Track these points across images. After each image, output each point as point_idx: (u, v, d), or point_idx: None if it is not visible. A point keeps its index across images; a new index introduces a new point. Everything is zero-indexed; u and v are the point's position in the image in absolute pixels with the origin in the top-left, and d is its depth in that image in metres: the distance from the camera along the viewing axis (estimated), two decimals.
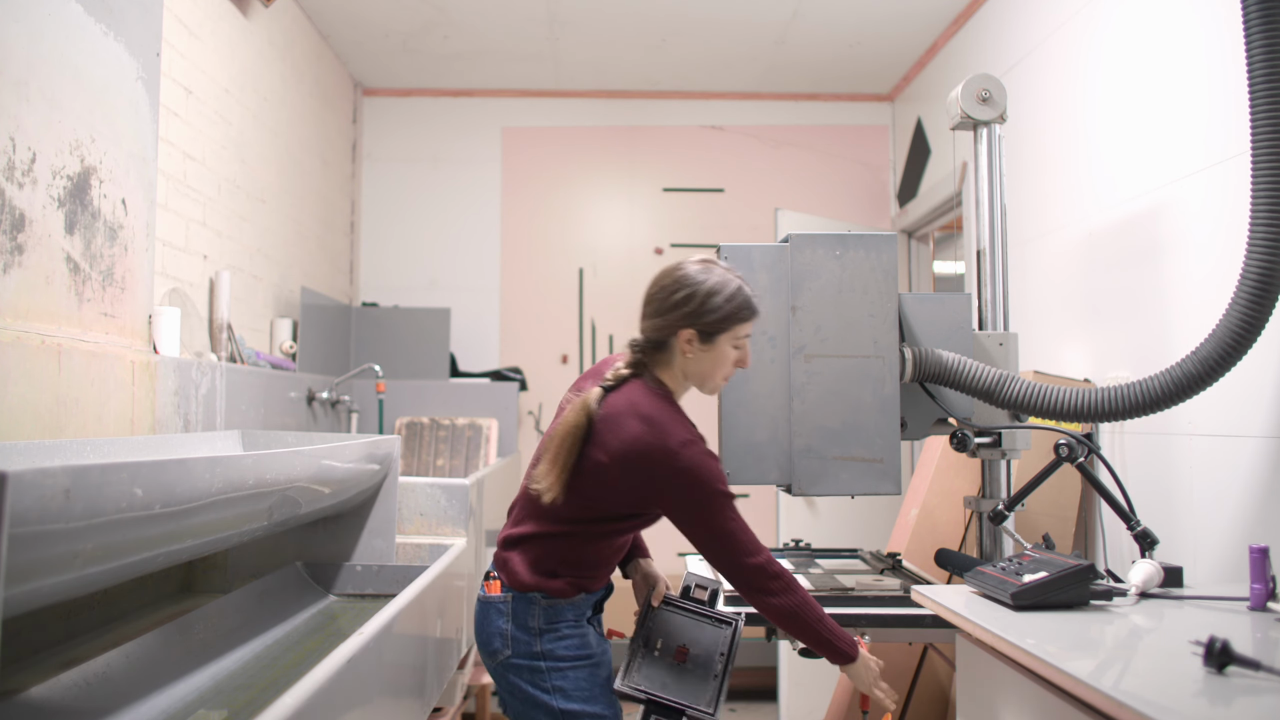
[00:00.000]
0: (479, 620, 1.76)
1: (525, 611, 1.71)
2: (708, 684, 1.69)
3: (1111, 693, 1.11)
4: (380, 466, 2.16)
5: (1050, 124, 2.90)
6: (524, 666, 1.70)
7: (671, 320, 1.70)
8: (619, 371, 1.73)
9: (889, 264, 2.08)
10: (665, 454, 1.62)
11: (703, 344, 1.70)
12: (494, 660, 1.73)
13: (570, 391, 1.81)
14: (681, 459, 1.62)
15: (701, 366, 1.73)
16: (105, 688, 1.35)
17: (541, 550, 1.71)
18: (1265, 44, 1.65)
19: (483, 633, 1.75)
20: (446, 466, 3.96)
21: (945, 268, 5.07)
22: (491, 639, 1.72)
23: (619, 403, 1.68)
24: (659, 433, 1.63)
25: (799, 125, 4.69)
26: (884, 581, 2.23)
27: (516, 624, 1.71)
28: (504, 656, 1.71)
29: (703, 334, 1.70)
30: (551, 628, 1.71)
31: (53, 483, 0.93)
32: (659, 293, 1.73)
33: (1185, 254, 2.18)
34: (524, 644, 1.70)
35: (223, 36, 2.96)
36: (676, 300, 1.69)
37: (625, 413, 1.66)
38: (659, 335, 1.72)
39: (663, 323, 1.71)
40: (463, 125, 4.66)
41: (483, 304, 4.60)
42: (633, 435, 1.63)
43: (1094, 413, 1.91)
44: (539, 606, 1.71)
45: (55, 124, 1.68)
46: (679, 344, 1.71)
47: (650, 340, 1.74)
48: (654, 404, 1.68)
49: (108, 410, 1.83)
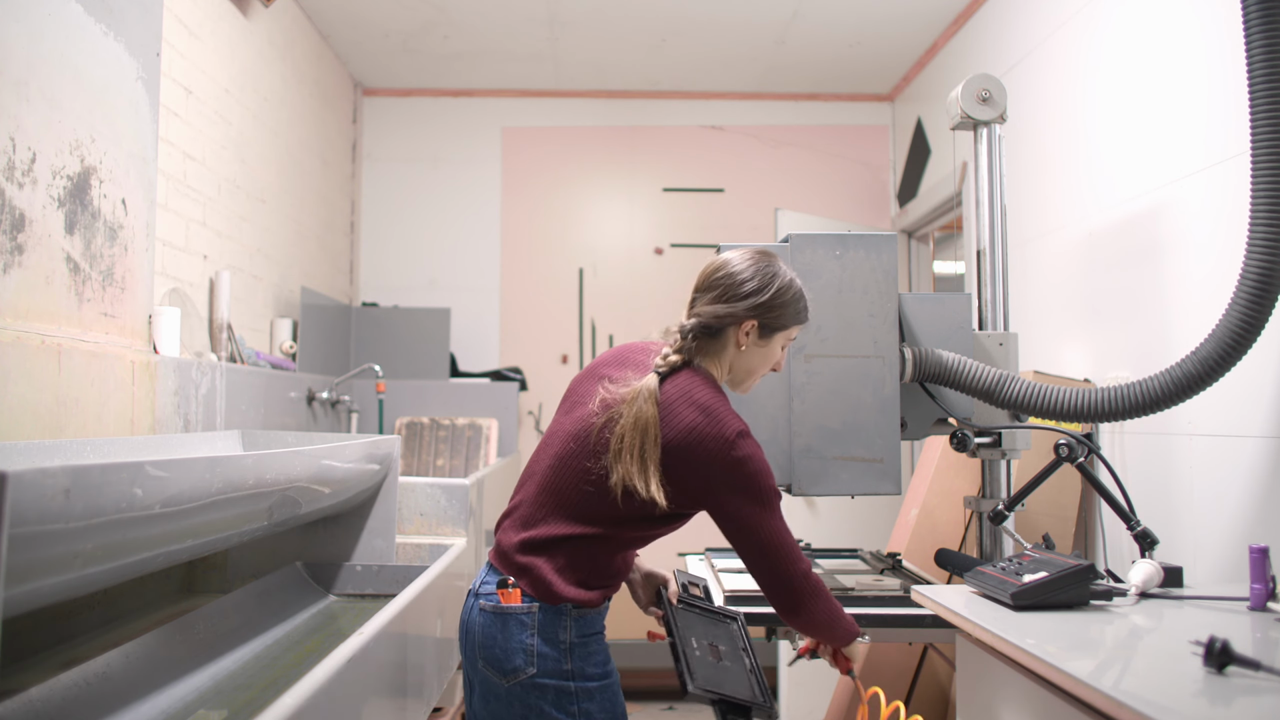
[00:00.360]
0: (489, 633, 1.58)
1: (554, 624, 1.57)
2: (747, 678, 1.65)
3: (1111, 693, 1.11)
4: (380, 466, 2.16)
5: (1050, 124, 2.90)
6: (549, 687, 1.55)
7: (739, 309, 1.62)
8: (670, 359, 1.63)
9: (889, 264, 2.08)
10: (722, 444, 1.54)
11: (760, 338, 1.65)
12: (512, 679, 1.56)
13: (587, 380, 1.70)
14: (739, 450, 1.54)
15: (751, 362, 1.67)
16: (105, 688, 1.35)
17: (574, 555, 1.59)
18: (1265, 44, 1.65)
19: (497, 647, 1.57)
20: (446, 466, 3.96)
21: (945, 268, 5.06)
22: (512, 655, 1.56)
23: (672, 391, 1.59)
24: (716, 422, 1.55)
25: (799, 125, 4.69)
26: (884, 581, 2.22)
27: (544, 638, 1.56)
28: (526, 675, 1.55)
29: (764, 328, 1.64)
30: (582, 642, 1.58)
31: (53, 483, 0.93)
32: (726, 278, 1.64)
33: (1185, 254, 2.18)
34: (552, 661, 1.56)
35: (223, 36, 2.96)
36: (749, 290, 1.63)
37: (679, 401, 1.57)
38: (719, 322, 1.63)
39: (727, 310, 1.62)
40: (463, 125, 4.66)
41: (483, 304, 4.60)
42: (689, 424, 1.55)
43: (1094, 413, 1.91)
44: (569, 619, 1.57)
45: (55, 124, 1.68)
46: (737, 334, 1.64)
47: (707, 326, 1.64)
48: (709, 393, 1.59)
49: (108, 410, 1.83)
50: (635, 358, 1.69)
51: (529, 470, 1.71)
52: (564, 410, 1.71)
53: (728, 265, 1.66)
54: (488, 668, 1.58)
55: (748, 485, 1.55)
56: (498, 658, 1.57)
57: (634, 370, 1.64)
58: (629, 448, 1.55)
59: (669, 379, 1.61)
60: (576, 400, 1.68)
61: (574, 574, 1.58)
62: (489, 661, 1.58)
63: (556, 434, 1.67)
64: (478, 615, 1.60)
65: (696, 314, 1.65)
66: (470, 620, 1.62)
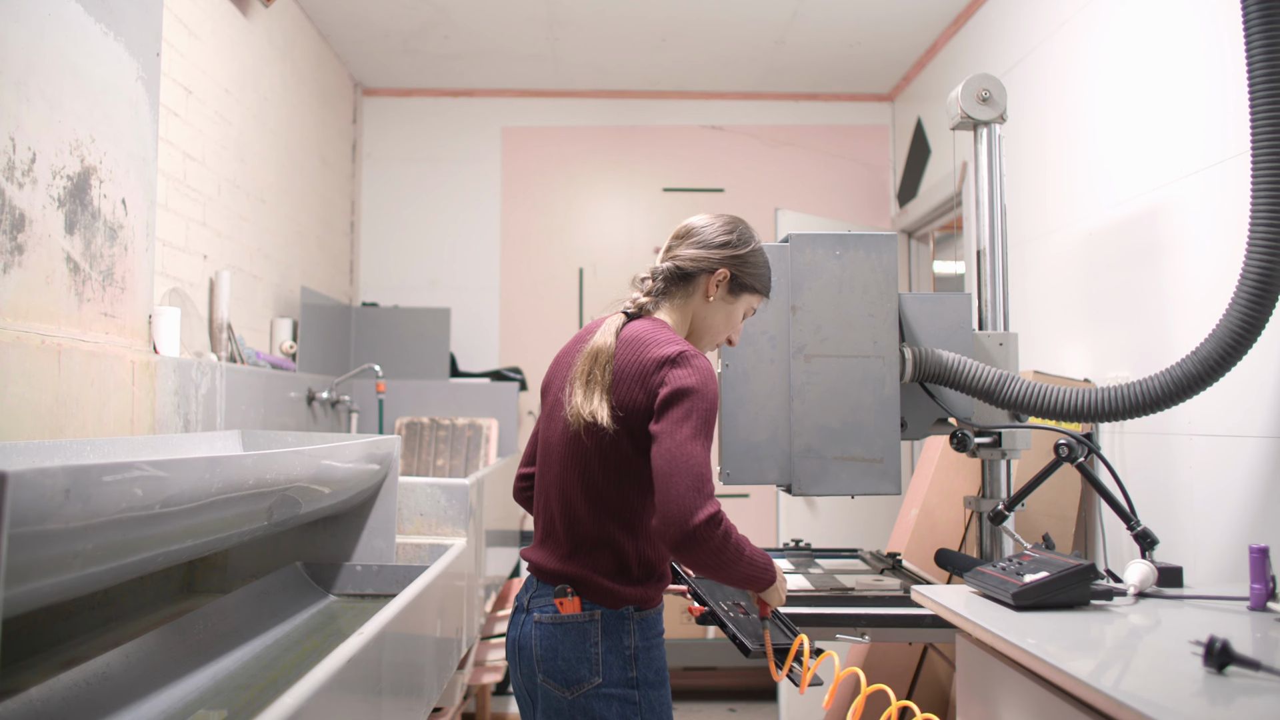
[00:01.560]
0: (550, 645, 1.54)
1: (619, 629, 1.53)
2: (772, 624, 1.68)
3: (1111, 693, 1.11)
4: (380, 466, 2.16)
5: (1050, 124, 2.90)
6: (615, 696, 1.51)
7: (715, 256, 1.63)
8: (638, 301, 1.64)
9: (889, 264, 2.08)
10: (666, 361, 1.50)
11: (729, 292, 1.66)
12: (576, 690, 1.52)
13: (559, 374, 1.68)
14: (683, 367, 1.49)
15: (715, 317, 1.67)
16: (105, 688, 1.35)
17: (619, 552, 1.55)
18: (1265, 44, 1.65)
19: (560, 659, 1.53)
20: (446, 466, 3.96)
21: (945, 268, 5.07)
22: (577, 666, 1.52)
23: (638, 329, 1.59)
24: (665, 347, 1.53)
25: (799, 125, 4.69)
26: (884, 581, 2.22)
27: (609, 646, 1.52)
28: (593, 685, 1.51)
29: (734, 281, 1.65)
30: (645, 646, 1.55)
31: (53, 483, 0.93)
32: (705, 228, 1.66)
33: (1185, 254, 2.18)
34: (618, 669, 1.52)
35: (223, 36, 2.96)
36: (728, 240, 1.65)
37: (643, 338, 1.56)
38: (695, 266, 1.63)
39: (704, 254, 1.63)
40: (463, 125, 4.66)
41: (483, 304, 4.60)
42: (641, 356, 1.53)
43: (1094, 413, 1.91)
44: (632, 622, 1.54)
45: (55, 124, 1.68)
46: (708, 283, 1.64)
47: (681, 270, 1.64)
48: (663, 330, 1.58)
49: (108, 410, 1.83)
50: (594, 328, 1.68)
51: (539, 483, 1.69)
52: (546, 415, 1.70)
53: (706, 219, 1.69)
54: (549, 681, 1.54)
55: (676, 392, 1.48)
56: (561, 669, 1.53)
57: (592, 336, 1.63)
58: (578, 375, 1.55)
59: (635, 320, 1.62)
60: (555, 403, 1.66)
61: (626, 573, 1.56)
62: (551, 674, 1.54)
63: (552, 440, 1.65)
64: (534, 629, 1.57)
65: (673, 256, 1.65)
66: (524, 636, 1.59)
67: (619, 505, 1.56)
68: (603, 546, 1.56)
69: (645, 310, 1.65)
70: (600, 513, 1.56)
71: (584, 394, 1.54)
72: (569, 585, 1.55)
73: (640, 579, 1.57)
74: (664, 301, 1.66)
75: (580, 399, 1.54)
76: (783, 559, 2.55)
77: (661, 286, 1.65)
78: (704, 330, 1.69)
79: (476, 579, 2.62)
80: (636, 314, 1.64)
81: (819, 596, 2.07)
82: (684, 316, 1.67)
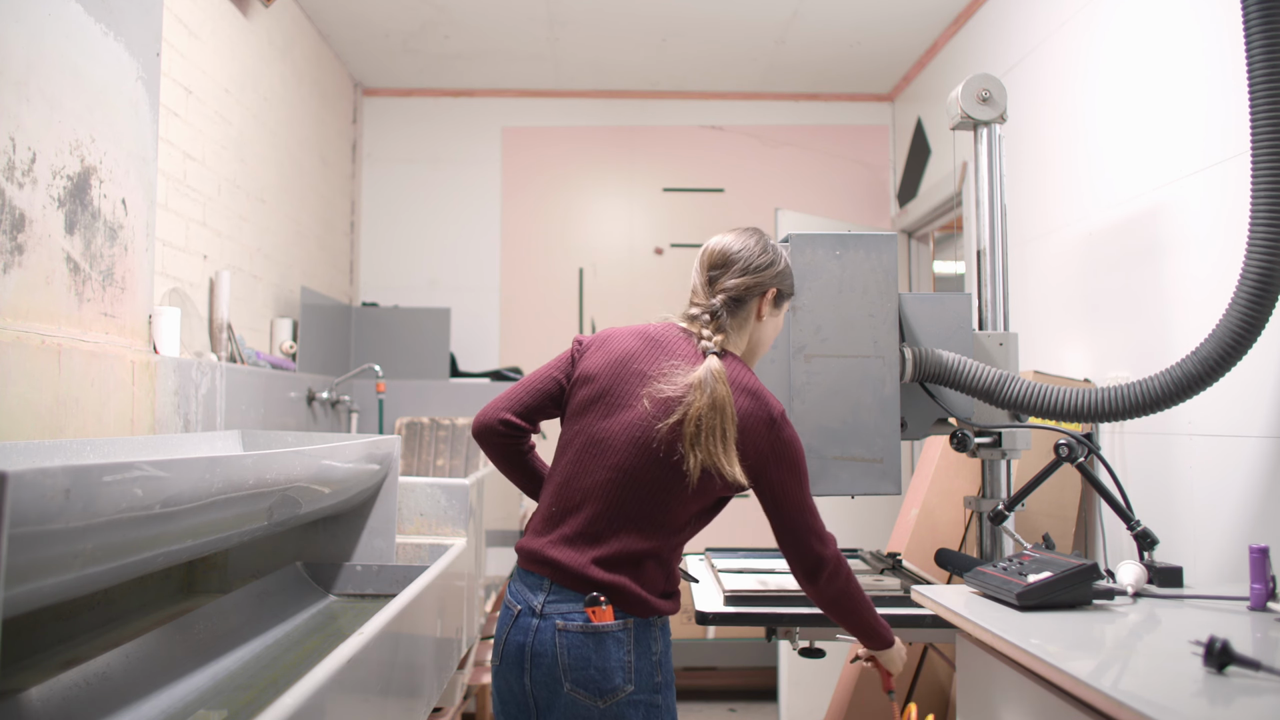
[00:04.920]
0: (581, 655, 1.53)
1: (647, 636, 1.57)
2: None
3: (1111, 693, 1.11)
4: (380, 466, 2.16)
5: (1050, 124, 2.90)
6: (643, 702, 1.54)
7: (762, 278, 1.67)
8: (716, 339, 1.64)
9: (889, 264, 2.08)
10: (771, 424, 1.58)
11: (775, 307, 1.72)
12: (609, 699, 1.53)
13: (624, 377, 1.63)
14: (785, 429, 1.60)
15: (766, 332, 1.73)
16: (105, 688, 1.35)
17: (655, 567, 1.58)
18: (1265, 44, 1.65)
19: (592, 668, 1.53)
20: (446, 466, 3.96)
21: (945, 268, 5.07)
22: (611, 674, 1.53)
23: (738, 375, 1.61)
24: (764, 404, 1.59)
25: (799, 125, 4.69)
26: (884, 581, 2.22)
27: (639, 653, 1.55)
28: (626, 693, 1.53)
29: (779, 296, 1.71)
30: (665, 651, 1.60)
31: (53, 483, 0.93)
32: (744, 252, 1.67)
33: (1185, 254, 2.18)
34: (646, 675, 1.55)
35: (223, 36, 2.96)
36: (768, 260, 1.68)
37: (748, 388, 1.60)
38: (748, 294, 1.66)
39: (753, 280, 1.66)
40: (463, 125, 4.66)
41: (483, 304, 4.60)
42: (742, 409, 1.57)
43: (1094, 413, 1.91)
44: (657, 629, 1.59)
45: (55, 124, 1.68)
46: (760, 304, 1.69)
47: (734, 299, 1.66)
48: (750, 376, 1.63)
49: (108, 410, 1.83)
50: (671, 345, 1.66)
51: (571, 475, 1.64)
52: (601, 412, 1.64)
53: (739, 242, 1.69)
54: (578, 691, 1.53)
55: (791, 461, 1.60)
56: (594, 679, 1.52)
57: (679, 359, 1.62)
58: (708, 430, 1.54)
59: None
60: (616, 401, 1.63)
61: (658, 586, 1.59)
62: (582, 684, 1.53)
63: (609, 441, 1.61)
64: (557, 637, 1.55)
65: (724, 289, 1.66)
66: (541, 643, 1.56)
67: (680, 524, 1.60)
68: (649, 559, 1.58)
69: (725, 349, 1.67)
70: (659, 529, 1.58)
71: (724, 452, 1.55)
72: (602, 594, 1.54)
73: (667, 593, 1.61)
74: (730, 334, 1.68)
75: (721, 456, 1.55)
76: (783, 559, 2.55)
77: (726, 321, 1.67)
78: (759, 346, 1.75)
79: (477, 579, 2.62)
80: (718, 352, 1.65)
81: None
82: (742, 338, 1.71)
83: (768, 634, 2.15)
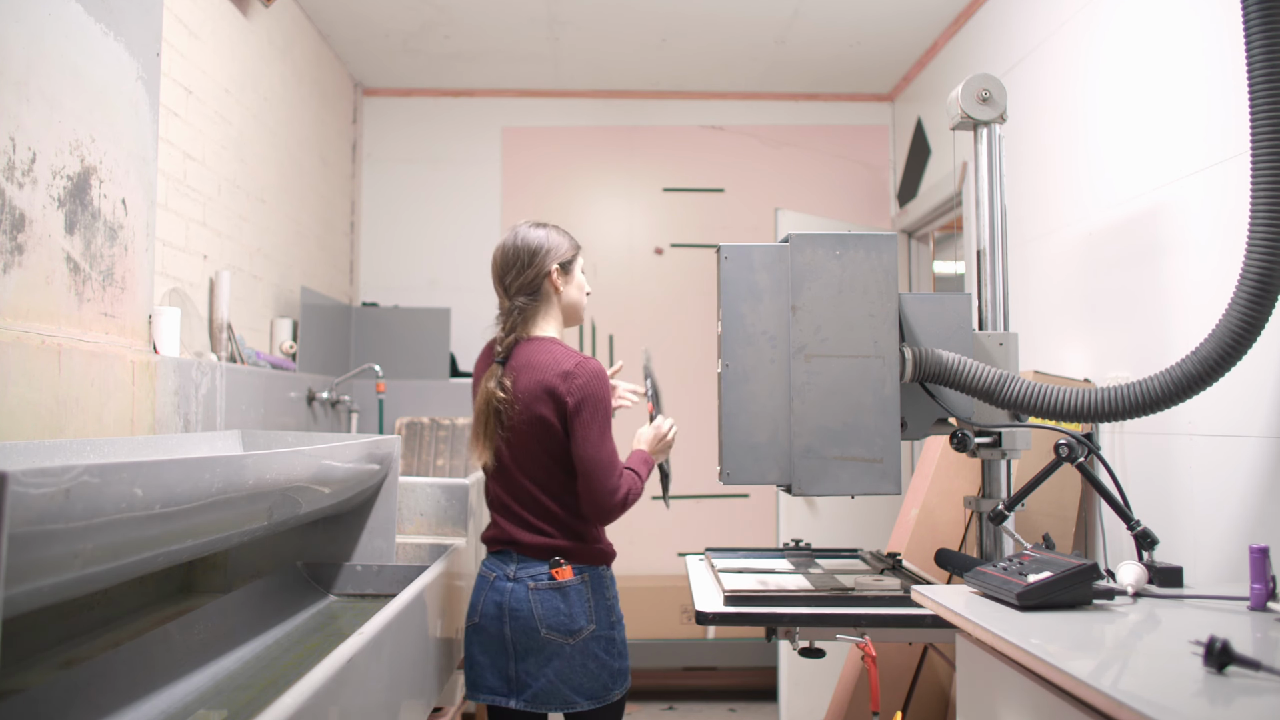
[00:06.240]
0: (552, 605, 1.92)
1: (601, 582, 1.99)
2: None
3: (1111, 692, 1.11)
4: (380, 466, 2.16)
5: (1050, 124, 2.90)
6: (603, 637, 1.94)
7: (538, 268, 2.02)
8: (505, 341, 2.01)
9: (889, 264, 2.08)
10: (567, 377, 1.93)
11: (565, 274, 2.07)
12: (578, 637, 1.92)
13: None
14: (587, 367, 1.95)
15: (571, 295, 2.09)
16: (105, 688, 1.35)
17: (581, 525, 1.98)
18: (1265, 44, 1.65)
19: (562, 614, 1.92)
20: (446, 466, 3.96)
21: (945, 268, 5.07)
22: (575, 619, 1.92)
23: (518, 360, 1.99)
24: (562, 355, 1.96)
25: (799, 125, 4.69)
26: (884, 581, 2.22)
27: (597, 597, 1.96)
28: (589, 631, 1.93)
29: (563, 266, 2.06)
30: (615, 594, 2.00)
31: (53, 483, 0.93)
32: (514, 258, 2.02)
33: (1185, 254, 2.18)
34: (604, 613, 1.96)
35: (223, 36, 2.96)
36: (531, 254, 2.02)
37: (527, 365, 1.97)
38: (532, 286, 2.02)
39: (532, 274, 2.02)
40: (463, 125, 4.66)
41: (483, 304, 4.60)
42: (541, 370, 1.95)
43: (1094, 413, 1.91)
44: (607, 578, 2.00)
45: (55, 124, 1.68)
46: (550, 284, 2.04)
47: (526, 296, 2.02)
48: (546, 345, 1.99)
49: (108, 410, 1.83)
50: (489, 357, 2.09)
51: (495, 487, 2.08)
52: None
53: (511, 243, 2.04)
54: (554, 633, 1.92)
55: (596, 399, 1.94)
56: (564, 623, 1.93)
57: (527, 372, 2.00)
58: (474, 430, 2.00)
59: (512, 355, 2.00)
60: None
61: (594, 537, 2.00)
62: (555, 628, 1.92)
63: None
64: (529, 594, 1.94)
65: (511, 294, 2.02)
66: (517, 600, 1.94)
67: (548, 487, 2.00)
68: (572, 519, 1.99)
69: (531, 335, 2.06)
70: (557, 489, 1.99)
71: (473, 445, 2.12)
72: (560, 556, 1.96)
73: (596, 536, 2.01)
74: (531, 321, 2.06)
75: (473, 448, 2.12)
76: (783, 559, 2.55)
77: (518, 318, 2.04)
78: (573, 307, 2.12)
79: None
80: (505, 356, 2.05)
81: (819, 596, 2.07)
82: (553, 313, 2.08)
83: (768, 634, 2.15)
